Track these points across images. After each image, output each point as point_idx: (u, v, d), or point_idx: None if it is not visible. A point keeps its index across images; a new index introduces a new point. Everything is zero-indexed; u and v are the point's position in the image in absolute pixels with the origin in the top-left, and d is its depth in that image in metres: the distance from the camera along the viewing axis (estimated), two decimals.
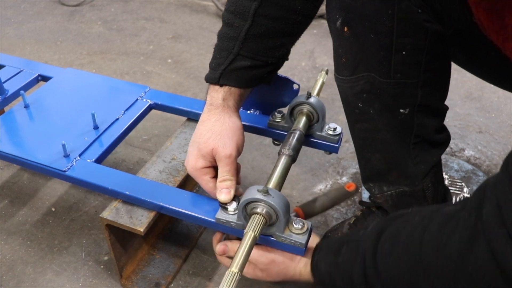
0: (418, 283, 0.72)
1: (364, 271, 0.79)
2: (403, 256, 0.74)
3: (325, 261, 0.88)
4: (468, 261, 0.65)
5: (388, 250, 0.76)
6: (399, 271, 0.74)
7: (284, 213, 0.85)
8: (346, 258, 0.83)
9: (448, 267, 0.68)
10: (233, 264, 0.76)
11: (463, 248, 0.66)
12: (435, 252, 0.69)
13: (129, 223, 0.99)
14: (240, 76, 0.94)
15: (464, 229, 0.66)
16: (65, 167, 1.08)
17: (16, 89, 1.35)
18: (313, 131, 1.13)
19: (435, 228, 0.71)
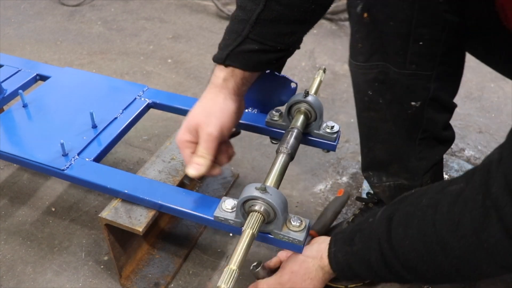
0: (438, 262, 0.76)
1: (382, 256, 0.83)
2: (419, 239, 0.77)
3: (341, 252, 0.91)
4: (483, 239, 0.69)
5: (402, 234, 0.80)
6: (418, 252, 0.78)
7: (282, 211, 0.85)
8: (361, 246, 0.87)
9: (465, 245, 0.71)
10: (231, 261, 0.76)
11: (476, 227, 0.69)
12: (450, 233, 0.73)
13: (128, 223, 0.99)
14: (246, 59, 0.93)
15: (474, 209, 0.69)
16: (63, 166, 1.08)
17: (15, 89, 1.35)
18: (310, 130, 1.13)
19: (445, 209, 0.74)
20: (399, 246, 0.81)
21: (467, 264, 0.74)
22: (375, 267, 0.85)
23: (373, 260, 0.85)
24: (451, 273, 0.77)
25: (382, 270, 0.85)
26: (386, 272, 0.85)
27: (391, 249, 0.81)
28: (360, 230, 0.89)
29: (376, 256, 0.84)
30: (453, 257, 0.74)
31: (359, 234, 0.89)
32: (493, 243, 0.68)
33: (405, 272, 0.82)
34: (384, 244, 0.82)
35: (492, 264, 0.72)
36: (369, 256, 0.85)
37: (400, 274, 0.83)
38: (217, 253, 1.27)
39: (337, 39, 2.33)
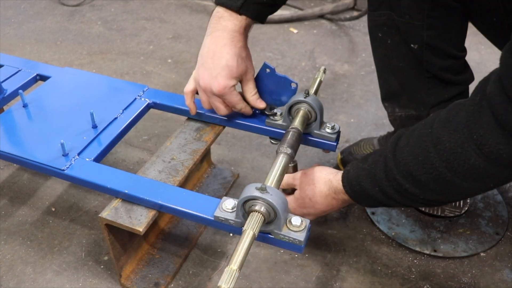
0: (430, 159, 0.82)
1: (385, 166, 0.91)
2: (417, 142, 0.85)
3: (354, 168, 0.99)
4: (473, 130, 0.75)
5: (404, 142, 0.89)
6: (414, 155, 0.85)
7: (283, 211, 0.85)
8: (371, 161, 0.95)
9: (456, 138, 0.78)
10: (232, 261, 0.76)
11: (468, 120, 0.76)
12: (444, 128, 0.80)
13: (128, 223, 0.99)
14: (256, 10, 1.06)
15: (470, 106, 0.77)
16: (64, 166, 1.08)
17: (15, 89, 1.35)
18: (311, 130, 1.13)
19: (444, 112, 0.83)
20: (400, 154, 0.88)
21: (457, 158, 0.78)
22: (378, 179, 0.92)
23: (378, 171, 0.92)
24: (442, 171, 0.81)
25: (383, 180, 0.91)
26: (386, 183, 0.91)
27: (393, 158, 0.89)
28: (374, 152, 0.99)
29: (380, 167, 0.92)
30: (444, 151, 0.80)
31: (372, 155, 0.98)
32: (482, 133, 0.74)
33: (402, 180, 0.87)
34: (389, 155, 0.90)
35: (479, 157, 0.76)
36: (375, 169, 0.93)
37: (398, 182, 0.88)
38: (217, 253, 1.27)
39: (337, 39, 2.33)
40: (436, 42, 1.12)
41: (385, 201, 0.95)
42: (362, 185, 0.95)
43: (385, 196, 0.93)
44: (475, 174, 0.79)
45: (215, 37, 1.05)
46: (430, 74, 1.17)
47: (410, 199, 0.90)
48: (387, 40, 1.17)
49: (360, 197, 0.99)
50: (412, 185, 0.87)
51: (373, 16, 1.17)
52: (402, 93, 1.24)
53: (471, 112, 0.76)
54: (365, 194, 0.96)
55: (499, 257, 1.25)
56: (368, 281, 1.20)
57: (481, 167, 0.77)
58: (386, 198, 0.93)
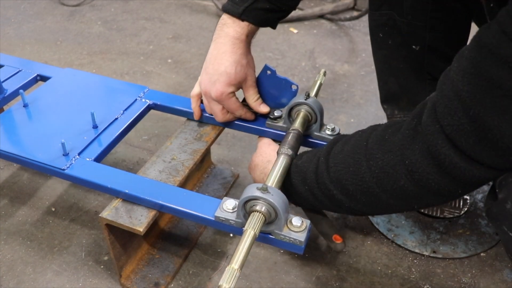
0: (361, 172, 0.84)
1: (316, 168, 0.91)
2: (350, 152, 0.87)
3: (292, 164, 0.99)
4: (406, 156, 0.76)
5: (339, 149, 0.90)
6: (346, 164, 0.86)
7: (283, 211, 0.85)
8: (305, 160, 0.96)
9: (389, 159, 0.80)
10: (233, 261, 0.76)
11: (403, 144, 0.77)
12: (378, 146, 0.82)
13: (129, 223, 0.99)
14: (258, 16, 1.05)
15: (406, 130, 0.78)
16: (64, 166, 1.08)
17: (15, 89, 1.35)
18: (311, 132, 1.14)
19: (381, 128, 0.85)
20: (332, 159, 0.89)
21: (387, 177, 0.80)
22: (308, 179, 0.93)
23: (308, 171, 0.93)
24: (371, 186, 0.83)
25: (313, 181, 0.92)
26: (315, 185, 0.92)
27: (325, 162, 0.90)
28: (311, 151, 0.99)
29: (312, 169, 0.92)
30: (376, 167, 0.81)
31: (308, 153, 0.98)
32: (413, 161, 0.75)
33: (331, 185, 0.88)
34: (321, 158, 0.92)
35: (409, 181, 0.77)
36: (306, 169, 0.94)
37: (327, 187, 0.89)
38: (217, 253, 1.27)
39: (337, 39, 2.33)
40: (438, 44, 1.11)
41: (313, 201, 0.95)
42: (293, 181, 0.97)
43: (313, 197, 0.94)
44: (402, 194, 0.80)
45: (217, 43, 1.07)
46: (431, 77, 1.16)
47: (336, 205, 0.92)
48: (388, 40, 1.16)
49: (289, 192, 0.98)
50: (340, 192, 0.88)
51: (374, 16, 1.16)
52: (402, 95, 1.23)
53: (406, 136, 0.77)
54: (294, 191, 0.98)
55: (499, 257, 1.25)
56: (368, 281, 1.20)
57: (409, 190, 0.79)
58: (314, 198, 0.94)
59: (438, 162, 0.72)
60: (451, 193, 0.77)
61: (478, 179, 0.71)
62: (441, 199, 0.81)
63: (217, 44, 1.07)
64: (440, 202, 0.83)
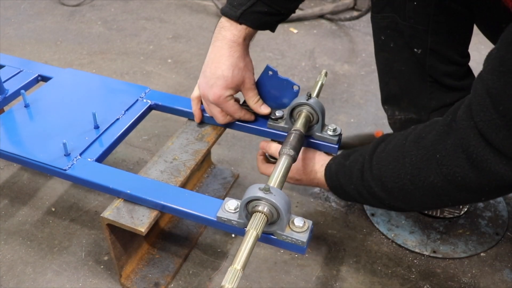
0: (398, 170, 0.87)
1: (361, 167, 0.95)
2: (391, 151, 0.90)
3: (336, 163, 1.04)
4: (438, 150, 0.80)
5: (382, 148, 0.93)
6: (386, 162, 0.90)
7: (286, 211, 0.85)
8: (352, 159, 1.00)
9: (422, 154, 0.83)
10: (235, 261, 0.76)
11: (436, 139, 0.81)
12: (415, 143, 0.85)
13: (130, 223, 0.99)
14: (256, 19, 1.05)
15: (441, 126, 0.81)
16: (65, 166, 1.08)
17: (16, 89, 1.35)
18: (312, 132, 1.14)
19: (420, 127, 0.88)
20: (376, 158, 0.93)
21: (419, 173, 0.83)
22: (354, 178, 0.97)
23: (354, 171, 0.97)
24: (405, 183, 0.86)
25: (358, 180, 0.96)
26: (360, 183, 0.96)
27: (370, 161, 0.94)
28: (357, 150, 1.02)
29: (358, 167, 0.96)
30: (410, 164, 0.85)
31: (355, 153, 1.01)
32: (444, 154, 0.78)
33: (372, 183, 0.93)
34: (367, 157, 0.95)
35: (438, 176, 0.81)
36: (353, 168, 0.98)
37: (370, 184, 0.94)
38: (217, 253, 1.27)
39: (337, 39, 2.34)
40: (440, 47, 1.11)
41: (359, 199, 1.00)
42: (340, 181, 1.01)
43: (358, 195, 0.98)
44: (433, 191, 0.83)
45: (215, 46, 1.08)
46: (432, 79, 1.16)
47: (378, 201, 0.96)
48: (390, 43, 1.16)
49: (337, 191, 1.05)
50: (380, 189, 0.92)
51: (377, 19, 1.16)
52: (403, 96, 1.24)
53: (440, 132, 0.81)
54: (341, 189, 1.03)
55: (499, 257, 1.26)
56: (368, 281, 1.20)
57: (438, 186, 0.82)
58: (359, 196, 0.99)
59: (468, 155, 0.75)
60: (478, 190, 0.79)
61: (505, 175, 0.73)
62: (469, 196, 0.83)
63: (215, 47, 1.08)
64: (470, 199, 0.86)
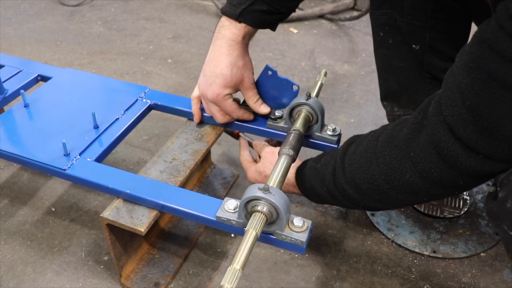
0: (372, 171, 0.87)
1: (333, 169, 0.94)
2: (363, 152, 0.90)
3: (307, 167, 1.03)
4: (411, 148, 0.79)
5: (353, 150, 0.93)
6: (359, 164, 0.89)
7: (285, 211, 0.85)
8: (323, 162, 0.99)
9: (395, 153, 0.82)
10: (235, 261, 0.76)
11: (408, 138, 0.80)
12: (387, 143, 0.85)
13: (130, 223, 0.99)
14: (256, 18, 1.06)
15: (412, 124, 0.81)
16: (65, 166, 1.08)
17: (16, 89, 1.35)
18: (312, 132, 1.14)
19: (391, 127, 0.87)
20: (347, 159, 0.92)
21: (394, 172, 0.83)
22: (326, 181, 0.96)
23: (327, 173, 0.96)
24: (380, 183, 0.86)
25: (331, 183, 0.95)
26: (333, 186, 0.95)
27: (341, 163, 0.93)
28: (328, 153, 1.02)
29: (329, 170, 0.95)
30: (384, 164, 0.84)
31: (326, 156, 1.00)
32: (418, 152, 0.78)
33: (346, 185, 0.92)
34: (338, 160, 0.94)
35: (413, 173, 0.80)
36: (325, 171, 0.96)
37: (343, 187, 0.93)
38: (217, 253, 1.27)
39: (337, 39, 2.33)
40: (438, 43, 1.12)
41: (332, 201, 1.00)
42: (312, 184, 1.00)
43: (331, 197, 0.97)
44: (409, 188, 0.83)
45: (215, 45, 1.08)
46: (431, 75, 1.17)
47: (353, 203, 0.95)
48: (388, 39, 1.16)
49: (309, 194, 1.04)
50: (354, 191, 0.91)
51: (375, 15, 1.17)
52: (402, 93, 1.24)
53: (412, 130, 0.80)
54: (313, 192, 1.01)
55: (499, 257, 1.26)
56: (368, 281, 1.20)
57: (415, 183, 0.81)
58: (333, 199, 0.98)
59: (439, 151, 0.75)
60: (453, 184, 0.79)
61: (475, 169, 0.74)
62: (445, 191, 0.83)
63: (215, 46, 1.08)
64: (446, 193, 0.85)
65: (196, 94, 1.19)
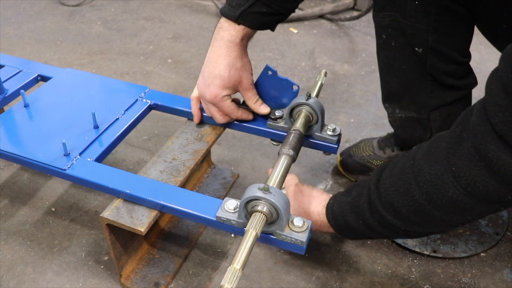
0: (411, 191, 0.83)
1: (368, 198, 0.91)
2: (399, 174, 0.86)
3: (338, 202, 1.00)
4: (452, 162, 0.76)
5: (388, 174, 0.90)
6: (396, 187, 0.86)
7: (285, 211, 0.85)
8: (355, 194, 0.96)
9: (436, 169, 0.79)
10: (235, 261, 0.76)
11: (448, 152, 0.77)
12: (425, 160, 0.81)
13: (130, 223, 0.99)
14: (255, 19, 1.05)
15: (451, 138, 0.77)
16: (65, 166, 1.08)
17: (16, 89, 1.35)
18: (312, 132, 1.14)
19: (426, 144, 0.84)
20: (382, 185, 0.89)
21: (436, 190, 0.79)
22: (362, 212, 0.93)
23: (361, 204, 0.93)
24: (422, 203, 0.82)
25: (367, 213, 0.92)
26: (369, 215, 0.91)
27: (376, 190, 0.90)
28: (358, 184, 0.99)
29: (364, 199, 0.92)
30: (424, 183, 0.80)
31: (356, 187, 0.98)
32: (460, 165, 0.74)
33: (384, 211, 0.88)
34: (372, 187, 0.91)
35: (457, 189, 0.76)
36: (359, 202, 0.94)
37: (381, 214, 0.89)
38: (217, 253, 1.27)
39: (337, 39, 2.33)
40: (441, 46, 1.11)
41: (369, 234, 0.96)
42: (347, 219, 0.97)
43: (369, 229, 0.94)
44: (454, 207, 0.79)
45: (213, 47, 1.08)
46: (433, 78, 1.16)
47: (392, 230, 0.92)
48: (391, 42, 1.16)
49: (344, 231, 1.00)
50: (393, 216, 0.88)
51: (378, 17, 1.17)
52: (404, 95, 1.24)
53: (451, 144, 0.77)
54: (349, 228, 0.98)
55: (499, 257, 1.26)
56: (368, 281, 1.20)
57: (459, 200, 0.77)
58: (370, 230, 0.94)
59: (486, 161, 0.71)
60: (500, 199, 0.75)
61: None
62: (492, 207, 0.79)
63: (213, 47, 1.08)
64: (493, 210, 0.80)
65: (196, 94, 1.19)
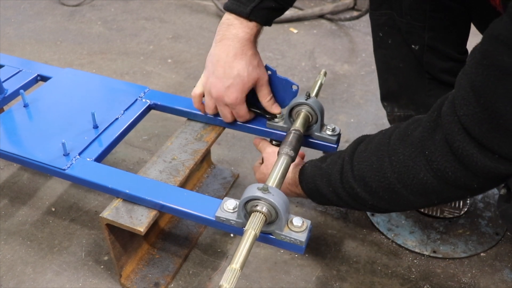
0: (383, 169, 0.85)
1: (341, 168, 0.93)
2: (374, 150, 0.88)
3: (311, 166, 1.01)
4: (426, 146, 0.78)
5: (363, 148, 0.91)
6: (369, 162, 0.88)
7: (284, 211, 0.85)
8: (329, 162, 0.97)
9: (410, 152, 0.81)
10: (234, 261, 0.77)
11: (423, 136, 0.79)
12: (400, 141, 0.83)
13: (129, 223, 0.99)
14: (265, 16, 1.06)
15: (427, 122, 0.80)
16: (65, 166, 1.08)
17: (15, 89, 1.35)
18: (311, 132, 1.14)
19: (403, 125, 0.86)
20: (357, 158, 0.91)
21: (407, 171, 0.81)
22: (333, 180, 0.94)
23: (334, 172, 0.94)
24: (392, 182, 0.84)
25: (337, 182, 0.93)
26: (340, 185, 0.93)
27: (350, 161, 0.91)
28: (334, 153, 1.00)
29: (337, 169, 0.94)
30: (397, 162, 0.83)
31: (332, 155, 0.99)
32: (433, 150, 0.77)
33: (354, 183, 0.90)
34: (346, 158, 0.93)
35: (428, 172, 0.79)
36: (332, 170, 0.95)
37: (351, 185, 0.91)
38: (217, 253, 1.27)
39: (337, 39, 2.33)
40: (437, 44, 1.11)
41: (336, 202, 0.98)
42: (317, 184, 0.98)
43: (337, 198, 0.96)
44: (422, 189, 0.82)
45: (225, 45, 1.05)
46: (430, 75, 1.16)
47: (359, 203, 0.93)
48: (388, 40, 1.16)
49: (313, 194, 1.01)
50: (363, 190, 0.90)
51: (374, 16, 1.17)
52: (402, 93, 1.24)
53: (426, 129, 0.79)
54: (318, 193, 0.99)
55: (499, 257, 1.25)
56: (368, 281, 1.20)
57: (428, 183, 0.80)
58: (338, 199, 0.96)
59: (454, 150, 0.74)
60: (467, 186, 0.78)
61: (491, 170, 0.72)
62: (459, 193, 0.82)
63: (225, 46, 1.05)
64: (459, 196, 0.84)
65: (198, 91, 1.17)
